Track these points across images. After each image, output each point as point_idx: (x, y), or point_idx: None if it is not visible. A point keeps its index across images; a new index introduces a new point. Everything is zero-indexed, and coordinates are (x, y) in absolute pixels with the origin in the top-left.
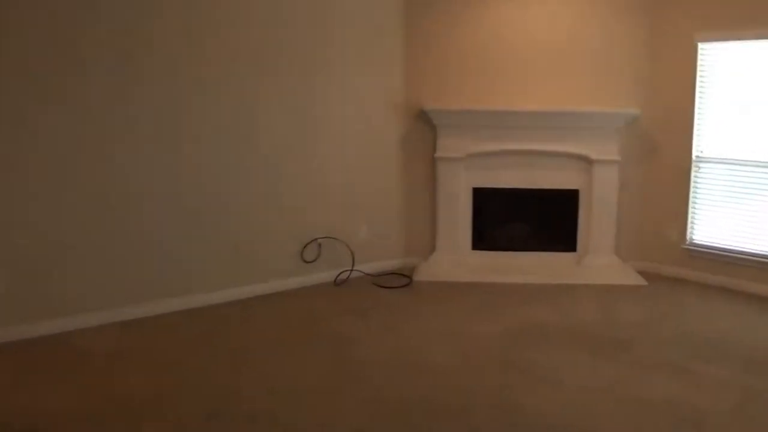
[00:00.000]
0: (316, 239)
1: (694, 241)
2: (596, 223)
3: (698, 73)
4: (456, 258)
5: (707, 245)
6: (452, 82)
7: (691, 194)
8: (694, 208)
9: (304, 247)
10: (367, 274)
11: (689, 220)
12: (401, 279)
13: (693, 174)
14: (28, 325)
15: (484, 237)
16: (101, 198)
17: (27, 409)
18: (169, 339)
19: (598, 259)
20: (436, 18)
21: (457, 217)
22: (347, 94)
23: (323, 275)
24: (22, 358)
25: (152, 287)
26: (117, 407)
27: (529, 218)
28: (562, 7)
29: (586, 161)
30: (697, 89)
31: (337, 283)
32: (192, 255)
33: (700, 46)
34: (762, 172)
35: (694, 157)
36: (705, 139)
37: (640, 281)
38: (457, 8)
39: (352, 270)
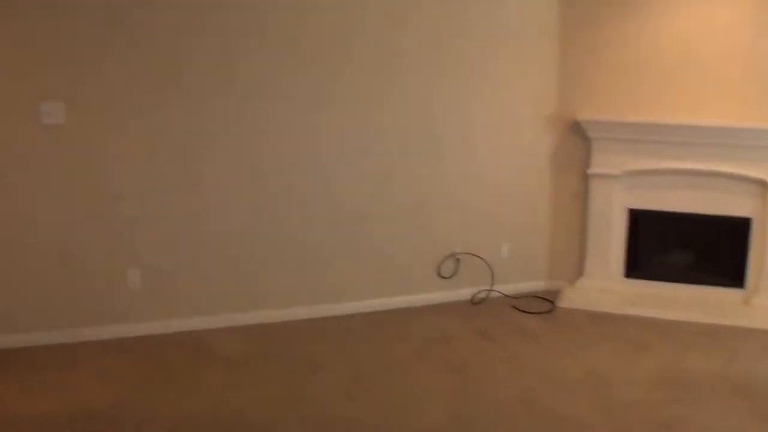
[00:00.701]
0: (454, 254)
1: None
2: None
3: None
4: (605, 285)
5: None
6: (611, 92)
7: None
8: None
9: (442, 262)
10: (507, 296)
11: None
12: (543, 304)
13: None
14: (162, 321)
15: (639, 264)
16: (249, 200)
17: (144, 408)
18: (294, 349)
19: None
20: (595, 22)
21: (610, 240)
22: (495, 101)
23: (460, 293)
24: (152, 355)
25: (288, 293)
26: (226, 418)
27: (692, 246)
28: (741, 9)
29: (762, 186)
30: None
31: (473, 302)
32: (326, 264)
33: None
34: None
35: None
36: None
37: None
38: (619, 11)
39: (490, 290)
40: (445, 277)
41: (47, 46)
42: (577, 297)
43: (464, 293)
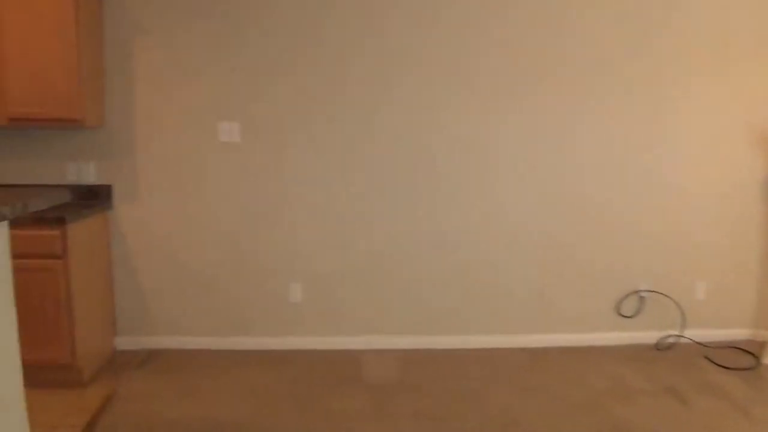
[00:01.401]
0: (638, 291)
1: None
2: None
3: None
4: None
5: None
6: None
7: None
8: None
9: (623, 299)
10: (700, 344)
11: None
12: (744, 358)
13: None
14: (318, 337)
15: None
16: (422, 224)
17: (276, 426)
18: (447, 381)
19: None
20: None
21: None
22: (696, 116)
23: (642, 335)
24: (301, 372)
25: (451, 321)
26: None
27: None
28: None
29: None
30: None
31: (658, 348)
32: (494, 292)
33: None
34: None
35: None
36: None
37: None
38: None
39: (680, 335)
40: (626, 317)
41: (227, 72)
42: None
43: (648, 337)
